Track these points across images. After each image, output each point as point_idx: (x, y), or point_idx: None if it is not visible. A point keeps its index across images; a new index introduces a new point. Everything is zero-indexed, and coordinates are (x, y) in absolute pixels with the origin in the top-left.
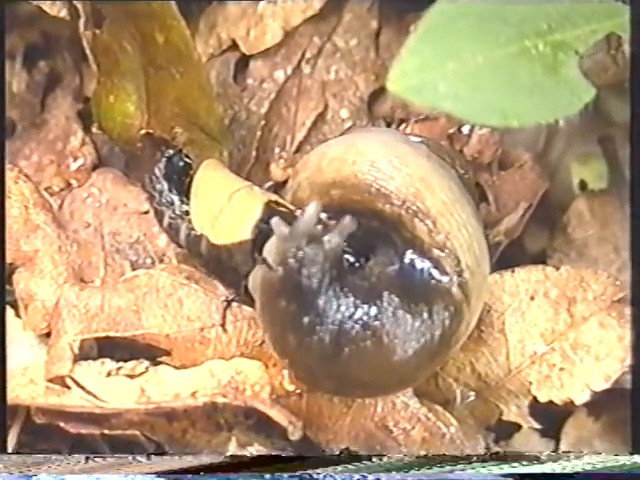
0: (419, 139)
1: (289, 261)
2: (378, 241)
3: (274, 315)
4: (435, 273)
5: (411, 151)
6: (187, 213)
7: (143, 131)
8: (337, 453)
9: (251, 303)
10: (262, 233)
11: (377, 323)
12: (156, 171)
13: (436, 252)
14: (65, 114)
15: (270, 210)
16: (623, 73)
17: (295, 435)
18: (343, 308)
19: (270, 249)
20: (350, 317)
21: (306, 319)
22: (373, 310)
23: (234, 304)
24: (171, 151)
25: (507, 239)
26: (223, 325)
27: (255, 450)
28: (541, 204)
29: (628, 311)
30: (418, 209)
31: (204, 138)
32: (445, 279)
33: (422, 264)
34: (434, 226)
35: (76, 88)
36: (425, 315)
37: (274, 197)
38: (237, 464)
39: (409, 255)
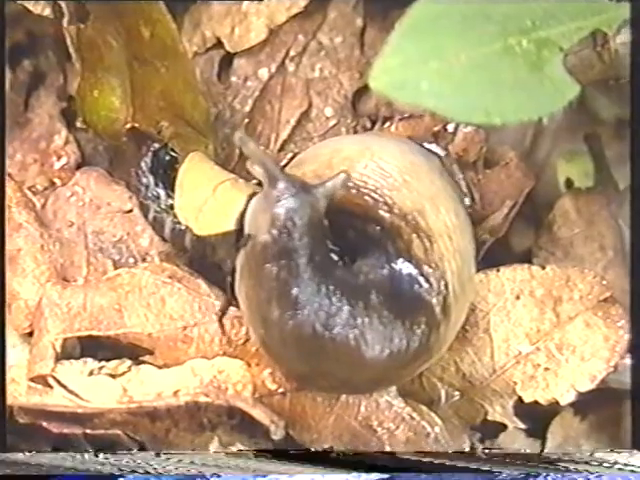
0: (435, 153)
1: (278, 216)
2: (372, 246)
3: (261, 282)
4: (422, 288)
5: (426, 166)
6: (172, 207)
7: (128, 125)
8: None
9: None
10: None
11: (359, 319)
12: (142, 165)
13: (427, 270)
14: (49, 113)
15: None
16: (609, 70)
17: (277, 434)
18: (331, 295)
19: (252, 217)
20: (334, 305)
21: (295, 290)
22: (357, 306)
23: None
24: (157, 145)
25: (492, 237)
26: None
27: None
28: (527, 202)
29: (614, 311)
30: (419, 226)
31: (190, 132)
32: (431, 297)
33: (411, 277)
34: (430, 246)
35: (60, 87)
36: (407, 324)
37: (258, 189)
38: None
39: (400, 264)
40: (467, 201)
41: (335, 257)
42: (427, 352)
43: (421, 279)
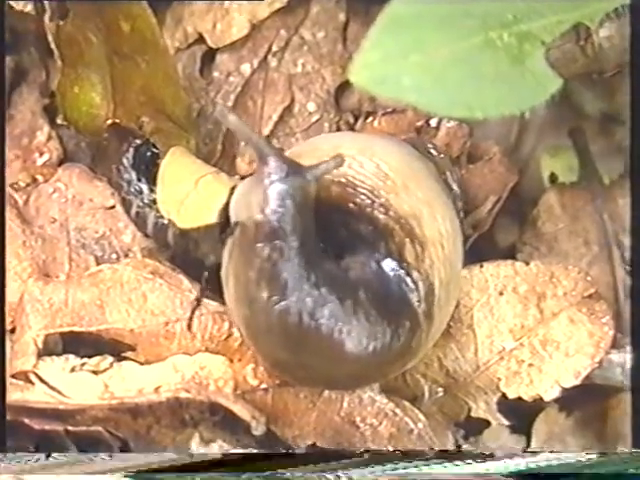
0: (434, 156)
1: (271, 195)
2: (362, 245)
3: (252, 261)
4: (409, 293)
5: (425, 171)
6: (155, 202)
7: (109, 121)
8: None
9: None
10: (229, 219)
11: (346, 314)
12: (124, 161)
13: (416, 275)
14: (31, 109)
15: None
16: (593, 64)
17: (258, 430)
18: (320, 285)
19: (243, 198)
20: (323, 296)
21: (285, 274)
22: (345, 301)
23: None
24: (138, 141)
25: (476, 233)
26: (190, 326)
27: (218, 447)
28: (511, 197)
29: (599, 307)
30: (414, 231)
31: (171, 126)
32: (416, 302)
33: (399, 280)
34: (422, 252)
35: (42, 83)
36: (392, 325)
37: (241, 183)
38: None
39: (389, 267)
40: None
41: (324, 252)
42: (409, 354)
43: (409, 283)
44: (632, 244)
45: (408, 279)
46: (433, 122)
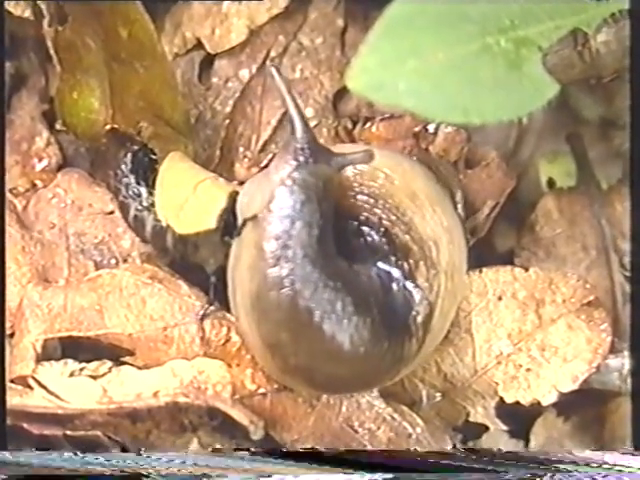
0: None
1: (298, 167)
2: (376, 256)
3: (278, 235)
4: (412, 311)
5: (447, 199)
6: (154, 205)
7: (108, 126)
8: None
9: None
10: (227, 224)
11: (354, 316)
12: (122, 166)
13: (422, 297)
14: (30, 115)
15: (235, 200)
16: (590, 70)
17: (257, 435)
18: (335, 280)
19: (269, 173)
20: (336, 291)
21: (306, 258)
22: (358, 304)
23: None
24: (136, 147)
25: (473, 238)
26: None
27: None
28: (509, 202)
29: (597, 314)
30: (431, 256)
31: (169, 132)
32: (413, 325)
33: (405, 297)
34: (434, 279)
35: (42, 89)
36: (392, 338)
37: (239, 188)
38: None
39: (399, 281)
40: None
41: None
42: (400, 364)
43: (413, 304)
44: (632, 249)
45: (414, 298)
46: (431, 128)
